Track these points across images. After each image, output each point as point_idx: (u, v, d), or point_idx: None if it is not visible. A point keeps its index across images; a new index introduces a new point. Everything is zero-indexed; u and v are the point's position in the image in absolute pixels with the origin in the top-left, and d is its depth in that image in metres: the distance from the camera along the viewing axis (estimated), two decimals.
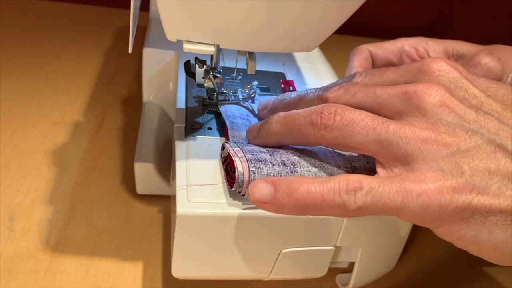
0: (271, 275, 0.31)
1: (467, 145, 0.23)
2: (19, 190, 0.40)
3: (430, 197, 0.23)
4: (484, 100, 0.25)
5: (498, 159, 0.23)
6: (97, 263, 0.35)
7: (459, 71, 0.26)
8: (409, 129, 0.24)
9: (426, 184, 0.23)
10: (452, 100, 0.24)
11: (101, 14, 0.77)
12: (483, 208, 0.22)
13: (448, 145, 0.23)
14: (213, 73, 0.35)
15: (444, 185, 0.22)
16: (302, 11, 0.26)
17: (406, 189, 0.23)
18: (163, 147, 0.42)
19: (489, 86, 0.26)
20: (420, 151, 0.23)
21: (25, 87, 0.54)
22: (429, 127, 0.24)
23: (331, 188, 0.24)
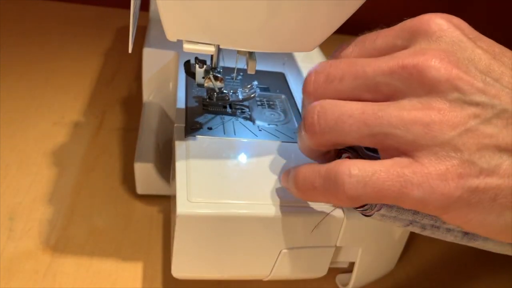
0: (271, 275, 0.31)
1: (476, 122, 0.21)
2: (19, 190, 0.40)
3: (433, 185, 0.21)
4: (492, 63, 0.22)
5: (510, 134, 0.20)
6: (97, 263, 0.35)
7: (461, 29, 0.23)
8: (409, 114, 0.22)
9: (428, 172, 0.21)
10: (458, 72, 0.21)
11: (101, 14, 0.77)
12: (492, 190, 0.20)
13: (454, 126, 0.21)
14: (213, 73, 0.35)
15: (449, 171, 0.21)
16: (302, 11, 0.26)
17: (405, 178, 0.21)
18: (163, 147, 0.42)
19: (494, 46, 0.23)
20: (422, 137, 0.21)
21: (25, 87, 0.54)
22: (433, 106, 0.21)
23: (322, 175, 0.23)
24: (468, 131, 0.21)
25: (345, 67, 0.24)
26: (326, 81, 0.25)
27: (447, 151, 0.21)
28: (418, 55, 0.22)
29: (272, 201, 0.29)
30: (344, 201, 0.23)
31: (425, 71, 0.21)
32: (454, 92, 0.21)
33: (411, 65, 0.22)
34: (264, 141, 0.34)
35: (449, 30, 0.23)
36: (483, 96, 0.21)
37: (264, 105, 0.39)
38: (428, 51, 0.22)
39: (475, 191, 0.21)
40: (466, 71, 0.21)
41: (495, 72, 0.21)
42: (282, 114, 0.38)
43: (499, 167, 0.20)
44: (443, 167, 0.21)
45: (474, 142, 0.21)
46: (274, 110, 0.39)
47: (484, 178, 0.21)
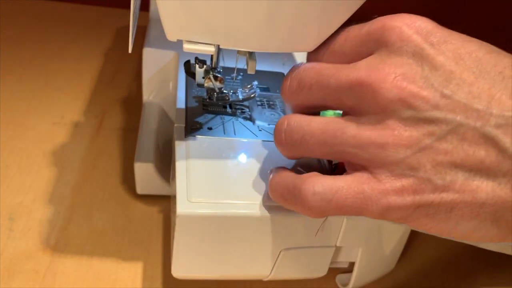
0: (271, 275, 0.31)
1: (430, 140, 0.21)
2: (19, 190, 0.40)
3: (390, 201, 0.22)
4: (452, 71, 0.21)
5: (465, 149, 0.21)
6: (97, 263, 0.35)
7: (423, 35, 0.23)
8: (364, 135, 0.22)
9: (385, 188, 0.22)
10: (412, 89, 0.21)
11: (101, 14, 0.77)
12: (447, 204, 0.21)
13: (408, 145, 0.21)
14: (213, 73, 0.35)
15: (405, 188, 0.22)
16: (302, 11, 0.26)
17: (365, 195, 0.22)
18: (163, 147, 0.42)
19: (461, 47, 0.22)
20: (378, 157, 0.22)
21: (25, 87, 0.54)
22: (388, 126, 0.22)
23: (289, 189, 0.25)
24: (422, 150, 0.21)
25: (314, 75, 0.25)
26: (298, 87, 0.26)
27: (403, 170, 0.22)
28: (374, 72, 0.22)
29: (272, 201, 0.29)
30: (310, 215, 0.24)
31: (378, 92, 0.22)
32: (408, 110, 0.21)
33: (366, 83, 0.22)
34: (264, 141, 0.34)
35: (410, 39, 0.22)
36: (438, 112, 0.21)
37: (264, 105, 0.39)
38: (384, 67, 0.22)
39: (431, 205, 0.22)
40: (422, 87, 0.21)
41: (454, 83, 0.21)
42: (282, 114, 0.38)
43: (454, 183, 0.21)
44: (399, 184, 0.22)
45: (429, 159, 0.21)
46: (274, 110, 0.39)
47: (439, 194, 0.21)
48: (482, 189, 0.21)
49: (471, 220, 0.21)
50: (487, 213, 0.21)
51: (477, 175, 0.21)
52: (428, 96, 0.21)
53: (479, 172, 0.21)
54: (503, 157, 0.20)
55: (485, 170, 0.20)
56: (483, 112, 0.20)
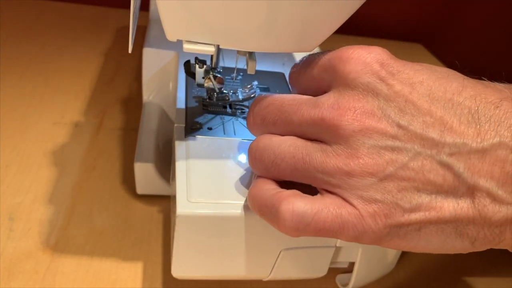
0: (271, 275, 0.31)
1: (394, 168, 0.23)
2: (19, 190, 0.40)
3: (365, 226, 0.23)
4: (406, 103, 0.23)
5: (426, 174, 0.22)
6: (97, 263, 0.35)
7: (374, 69, 0.24)
8: (331, 162, 0.23)
9: (361, 214, 0.23)
10: (370, 123, 0.23)
11: (101, 14, 0.77)
12: (416, 224, 0.23)
13: (373, 172, 0.23)
14: (213, 73, 0.35)
15: (377, 213, 0.23)
16: (302, 11, 0.26)
17: (343, 219, 0.23)
18: (163, 147, 0.42)
19: (413, 76, 0.24)
20: (346, 184, 0.23)
21: (25, 87, 0.54)
22: (352, 154, 0.23)
23: (267, 205, 0.25)
24: (388, 177, 0.23)
25: (277, 112, 0.26)
26: (262, 123, 0.27)
27: (372, 194, 0.23)
28: (334, 109, 0.24)
29: None
30: (286, 233, 0.24)
31: (340, 126, 0.23)
32: (370, 141, 0.23)
33: (328, 120, 0.24)
34: None
35: (363, 71, 0.24)
36: (397, 141, 0.22)
37: None
38: (343, 102, 0.24)
39: (401, 226, 0.23)
40: (380, 119, 0.23)
41: (409, 113, 0.23)
42: None
43: (420, 205, 0.22)
44: (371, 209, 0.23)
45: (394, 185, 0.23)
46: None
47: (409, 215, 0.23)
48: (445, 208, 0.22)
49: (438, 236, 0.23)
50: (451, 229, 0.23)
51: (439, 196, 0.22)
52: (385, 128, 0.23)
53: (440, 194, 0.22)
54: (458, 181, 0.22)
55: (445, 192, 0.22)
56: (437, 140, 0.22)
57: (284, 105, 0.26)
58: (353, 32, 0.84)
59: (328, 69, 0.26)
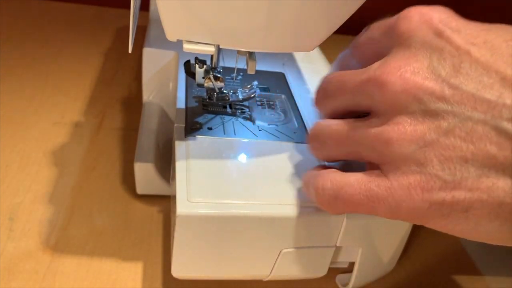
0: (271, 275, 0.31)
1: (436, 134, 0.20)
2: (19, 190, 0.40)
3: (397, 199, 0.21)
4: (462, 61, 0.20)
5: (476, 143, 0.19)
6: (97, 263, 0.35)
7: (433, 25, 0.22)
8: (371, 132, 0.22)
9: (392, 186, 0.21)
10: (417, 81, 0.21)
11: (101, 14, 0.77)
12: (461, 203, 0.20)
13: (413, 140, 0.21)
14: (213, 73, 0.35)
15: (412, 185, 0.21)
16: (302, 11, 0.26)
17: (372, 193, 0.22)
18: (163, 147, 0.42)
19: (474, 36, 0.21)
20: (384, 154, 0.22)
21: (25, 87, 0.54)
22: (393, 121, 0.21)
23: (306, 184, 0.26)
24: (428, 144, 0.20)
25: (336, 83, 0.26)
26: (324, 97, 0.27)
27: (409, 165, 0.21)
28: (381, 68, 0.22)
29: (272, 201, 0.29)
30: (325, 209, 0.25)
31: (385, 86, 0.22)
32: (414, 104, 0.21)
33: (373, 79, 0.22)
34: (264, 141, 0.34)
35: (419, 28, 0.22)
36: (445, 104, 0.20)
37: (264, 105, 0.39)
38: (391, 62, 0.22)
39: (444, 204, 0.20)
40: (428, 78, 0.21)
41: (462, 74, 0.20)
42: (282, 114, 0.38)
43: (466, 179, 0.20)
44: (405, 181, 0.21)
45: (435, 154, 0.20)
46: (274, 110, 0.39)
47: (450, 191, 0.20)
48: (498, 187, 0.19)
49: (491, 221, 0.20)
50: (508, 213, 0.19)
51: (491, 171, 0.19)
52: (433, 87, 0.20)
53: (493, 168, 0.19)
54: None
55: (500, 166, 0.19)
56: (494, 103, 0.19)
57: (344, 75, 0.25)
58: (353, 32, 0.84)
59: (387, 31, 0.24)
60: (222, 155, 0.32)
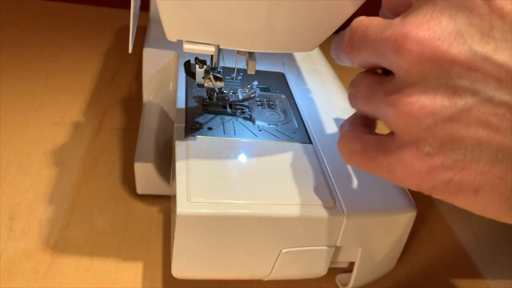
0: (271, 275, 0.31)
1: (449, 113, 0.19)
2: (19, 190, 0.40)
3: (403, 173, 0.21)
4: (495, 27, 0.17)
5: (494, 127, 0.18)
6: (97, 263, 0.35)
7: None
8: (386, 100, 0.21)
9: (399, 161, 0.21)
10: (436, 50, 0.18)
11: (101, 14, 0.77)
12: (470, 184, 0.19)
13: (421, 117, 0.19)
14: (213, 73, 0.35)
15: (417, 163, 0.20)
16: (302, 11, 0.26)
17: (386, 165, 0.21)
18: (163, 147, 0.42)
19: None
20: (393, 125, 0.21)
21: (25, 87, 0.54)
22: (406, 93, 0.20)
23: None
24: (439, 123, 0.19)
25: (360, 35, 0.23)
26: (350, 47, 0.24)
27: (416, 141, 0.20)
28: (399, 28, 0.20)
29: (272, 201, 0.29)
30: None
31: (400, 53, 0.20)
32: (430, 77, 0.19)
33: (389, 43, 0.20)
34: (264, 141, 0.34)
35: None
36: (464, 80, 0.18)
37: (264, 105, 0.39)
38: (411, 22, 0.19)
39: (451, 184, 0.19)
40: (450, 46, 0.18)
41: (496, 38, 0.17)
42: (282, 114, 0.38)
43: (477, 162, 0.19)
44: (410, 157, 0.20)
45: (446, 134, 0.19)
46: (274, 110, 0.39)
47: (459, 172, 0.19)
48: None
49: (502, 204, 0.19)
50: None
51: (506, 158, 0.18)
52: (454, 58, 0.18)
53: (508, 156, 0.18)
54: None
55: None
56: None
57: (368, 27, 0.22)
58: None
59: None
60: (222, 155, 0.32)
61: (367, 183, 0.32)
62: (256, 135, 0.35)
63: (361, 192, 0.31)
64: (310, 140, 0.35)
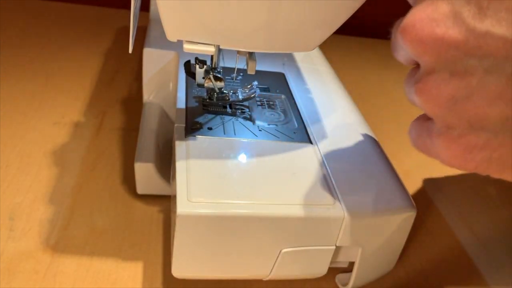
0: (271, 275, 0.31)
1: (466, 93, 0.19)
2: (19, 190, 0.40)
3: (448, 161, 0.21)
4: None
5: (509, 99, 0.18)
6: (97, 263, 0.35)
7: None
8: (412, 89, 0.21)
9: (442, 148, 0.21)
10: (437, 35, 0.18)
11: (101, 14, 0.77)
12: (496, 160, 0.19)
13: (441, 103, 0.19)
14: (213, 73, 0.35)
15: (453, 148, 0.20)
16: (302, 11, 0.26)
17: (434, 150, 0.22)
18: (163, 147, 0.42)
19: None
20: (430, 114, 0.21)
21: (25, 87, 0.54)
22: (423, 81, 0.20)
23: None
24: (458, 103, 0.19)
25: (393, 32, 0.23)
26: (392, 45, 0.24)
27: (447, 125, 0.20)
28: (405, 19, 0.20)
29: (272, 201, 0.29)
30: None
31: (407, 46, 0.20)
32: (438, 63, 0.19)
33: (398, 34, 0.20)
34: (264, 141, 0.34)
35: None
36: (471, 58, 0.18)
37: (264, 105, 0.39)
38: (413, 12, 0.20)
39: (491, 161, 0.20)
40: (449, 28, 0.18)
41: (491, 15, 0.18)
42: (282, 114, 0.38)
43: (504, 134, 0.19)
44: (448, 139, 0.20)
45: (471, 113, 0.19)
46: (274, 110, 0.39)
47: (496, 149, 0.19)
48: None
49: None
50: None
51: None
52: (456, 39, 0.18)
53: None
54: None
55: None
56: None
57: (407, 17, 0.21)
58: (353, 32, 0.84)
59: None
60: (222, 155, 0.32)
61: (367, 183, 0.32)
62: (256, 135, 0.35)
63: (361, 192, 0.31)
64: (310, 140, 0.35)
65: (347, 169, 0.33)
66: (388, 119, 0.61)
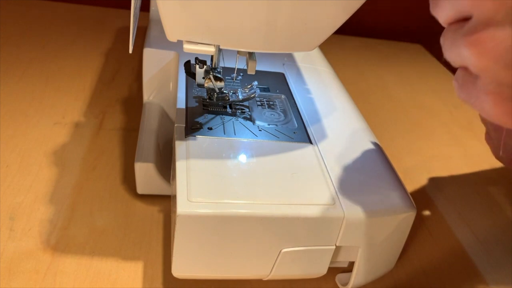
0: (271, 274, 0.31)
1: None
2: (19, 190, 0.40)
3: (494, 118, 0.21)
4: None
5: None
6: (97, 263, 0.35)
7: None
8: (466, 43, 0.21)
9: (490, 106, 0.21)
10: None
11: (101, 14, 0.77)
12: None
13: (504, 50, 0.19)
14: (213, 73, 0.35)
15: (501, 105, 0.20)
16: (302, 11, 0.26)
17: (478, 104, 0.21)
18: (163, 147, 0.42)
19: None
20: (479, 69, 0.21)
21: (25, 87, 0.54)
22: (483, 30, 0.20)
23: None
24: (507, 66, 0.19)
25: None
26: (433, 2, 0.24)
27: (499, 82, 0.20)
28: None
29: (272, 201, 0.29)
30: None
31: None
32: (501, 7, 0.19)
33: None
34: (264, 141, 0.34)
35: None
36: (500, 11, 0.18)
37: (264, 105, 0.39)
38: None
39: None
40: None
41: None
42: (282, 114, 0.38)
43: None
44: (497, 98, 0.20)
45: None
46: (274, 110, 0.39)
47: None
48: None
49: None
50: None
51: None
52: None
53: None
54: None
55: None
56: None
57: None
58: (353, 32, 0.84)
59: None
60: (222, 155, 0.32)
61: (367, 183, 0.32)
62: (256, 135, 0.35)
63: (361, 192, 0.31)
64: (310, 140, 0.36)
65: (347, 169, 0.33)
66: (388, 119, 0.61)
